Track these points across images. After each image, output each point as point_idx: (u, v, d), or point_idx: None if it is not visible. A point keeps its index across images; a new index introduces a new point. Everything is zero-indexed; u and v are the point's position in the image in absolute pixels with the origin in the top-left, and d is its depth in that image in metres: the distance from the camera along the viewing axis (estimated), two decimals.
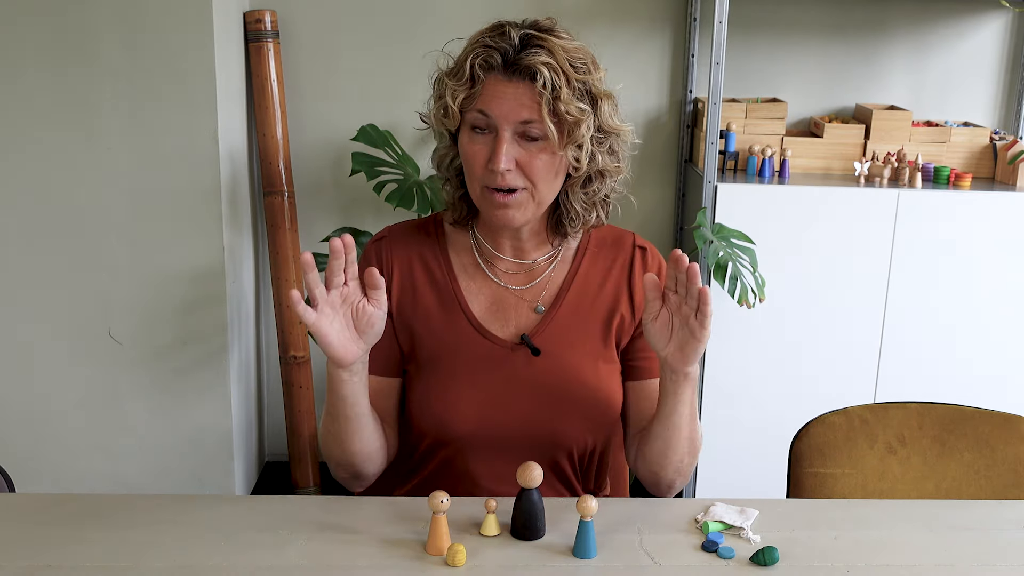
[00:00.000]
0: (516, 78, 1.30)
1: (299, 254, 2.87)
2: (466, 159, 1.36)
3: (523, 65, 1.30)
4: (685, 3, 2.89)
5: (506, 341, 1.42)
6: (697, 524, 1.28)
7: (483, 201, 1.37)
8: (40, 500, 1.33)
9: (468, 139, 1.35)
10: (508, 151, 1.31)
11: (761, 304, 2.57)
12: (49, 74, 2.51)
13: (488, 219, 1.39)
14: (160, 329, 2.69)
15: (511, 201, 1.34)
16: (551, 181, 1.36)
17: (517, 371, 1.41)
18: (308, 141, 2.93)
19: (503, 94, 1.31)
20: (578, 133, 1.32)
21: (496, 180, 1.32)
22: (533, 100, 1.30)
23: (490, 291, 1.45)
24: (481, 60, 1.31)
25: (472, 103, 1.33)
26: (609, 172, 1.41)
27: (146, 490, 2.76)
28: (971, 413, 1.61)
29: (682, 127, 2.97)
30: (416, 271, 1.46)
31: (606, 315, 1.45)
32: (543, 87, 1.29)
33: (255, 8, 2.79)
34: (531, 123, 1.31)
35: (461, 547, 1.17)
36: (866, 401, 2.15)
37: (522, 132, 1.32)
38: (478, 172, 1.34)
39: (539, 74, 1.29)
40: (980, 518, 1.33)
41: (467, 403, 1.39)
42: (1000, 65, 3.01)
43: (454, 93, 1.33)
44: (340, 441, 1.36)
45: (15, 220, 2.60)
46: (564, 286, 1.45)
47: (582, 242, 1.49)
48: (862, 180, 2.71)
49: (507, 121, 1.31)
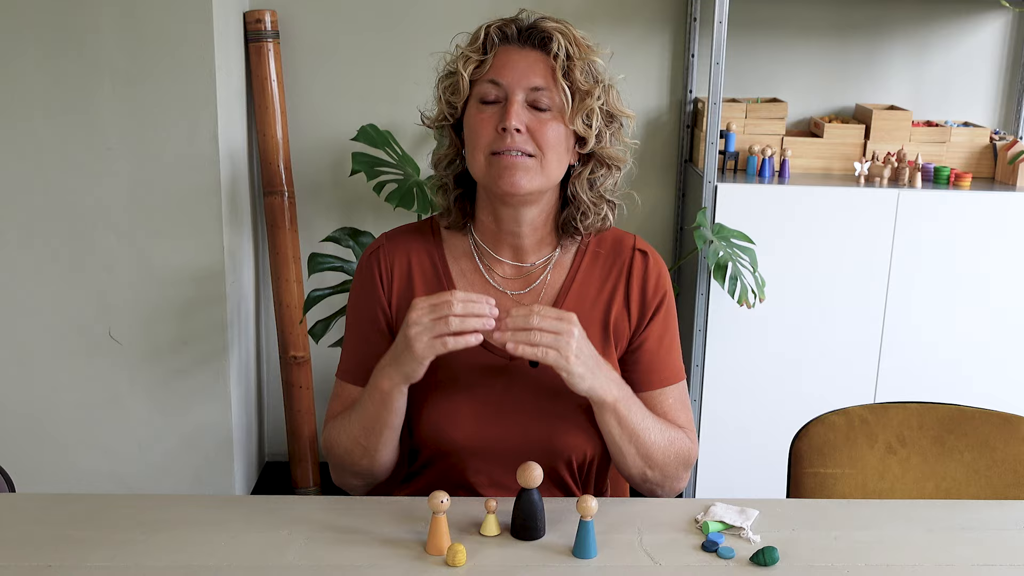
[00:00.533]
0: (528, 46, 1.33)
1: (299, 254, 2.87)
2: (472, 129, 1.35)
3: (538, 30, 1.33)
4: (685, 3, 2.89)
5: (505, 351, 1.39)
6: (697, 524, 1.28)
7: (490, 168, 1.34)
8: (40, 500, 1.33)
9: (476, 110, 1.35)
10: (519, 112, 1.31)
11: (761, 304, 2.57)
12: (49, 74, 2.51)
13: (493, 188, 1.36)
14: (160, 329, 2.69)
15: (519, 163, 1.32)
16: (560, 153, 1.35)
17: (516, 381, 1.40)
18: (308, 141, 2.93)
19: (515, 62, 1.33)
20: (589, 102, 1.33)
21: (505, 142, 1.31)
22: (546, 67, 1.32)
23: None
24: (496, 29, 1.34)
25: (482, 73, 1.33)
26: (614, 161, 1.41)
27: (146, 490, 2.76)
28: (971, 413, 1.61)
29: (682, 127, 2.97)
30: (415, 278, 1.44)
31: (604, 321, 1.43)
32: (556, 53, 1.31)
33: (255, 8, 2.79)
34: (542, 90, 1.32)
35: (461, 547, 1.17)
36: (866, 401, 2.15)
37: (533, 101, 1.32)
38: (486, 138, 1.33)
39: (552, 39, 1.32)
40: (980, 518, 1.33)
41: (466, 414, 1.38)
42: (1000, 65, 3.01)
43: (467, 60, 1.34)
44: (372, 452, 1.37)
45: (15, 220, 2.60)
46: (562, 291, 1.44)
47: (580, 245, 1.47)
48: (862, 180, 2.71)
49: (519, 86, 1.32)
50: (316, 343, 2.67)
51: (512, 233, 1.43)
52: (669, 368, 1.46)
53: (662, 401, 1.47)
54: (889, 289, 2.68)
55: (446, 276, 1.44)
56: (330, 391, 1.55)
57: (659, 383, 1.46)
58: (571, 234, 1.44)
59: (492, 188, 1.36)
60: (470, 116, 1.36)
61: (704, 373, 2.73)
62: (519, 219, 1.41)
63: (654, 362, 1.45)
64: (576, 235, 1.45)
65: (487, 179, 1.36)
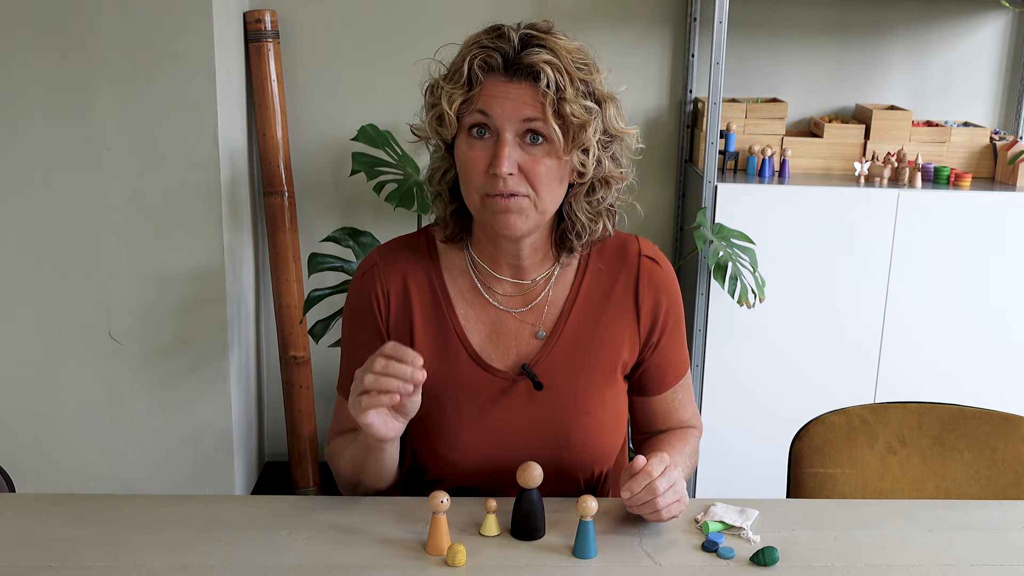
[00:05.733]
0: (517, 79, 1.23)
1: (299, 254, 2.87)
2: (464, 167, 1.28)
3: (525, 64, 1.22)
4: (685, 3, 2.89)
5: (507, 373, 1.37)
6: (697, 524, 1.28)
7: (483, 210, 1.28)
8: (40, 500, 1.33)
9: (466, 145, 1.27)
10: (510, 154, 1.23)
11: (761, 304, 2.57)
12: (49, 74, 2.51)
13: (488, 229, 1.31)
14: (160, 329, 2.69)
15: (513, 205, 1.26)
16: (555, 188, 1.28)
17: (519, 405, 1.36)
18: (308, 141, 2.93)
19: (504, 94, 1.23)
20: (584, 136, 1.25)
21: (497, 186, 1.24)
22: (536, 100, 1.23)
23: (489, 317, 1.39)
24: (480, 61, 1.24)
25: (470, 106, 1.25)
26: (614, 179, 1.34)
27: (146, 490, 2.76)
28: (971, 413, 1.61)
29: (682, 127, 2.97)
30: (412, 299, 1.38)
31: (611, 337, 1.39)
32: (547, 87, 1.21)
33: (255, 8, 2.79)
34: (534, 120, 1.23)
35: (461, 547, 1.17)
36: (866, 401, 2.15)
37: (524, 133, 1.24)
38: (478, 179, 1.26)
39: (542, 73, 1.21)
40: (980, 518, 1.33)
41: (468, 440, 1.35)
42: (1000, 65, 3.01)
43: (451, 97, 1.25)
44: (369, 486, 1.36)
45: (15, 220, 2.60)
46: (566, 308, 1.39)
47: (583, 257, 1.41)
48: (862, 180, 2.71)
49: (509, 121, 1.23)
50: (316, 343, 2.67)
51: (511, 254, 1.37)
52: (679, 366, 1.47)
53: (672, 399, 1.47)
54: (889, 289, 2.68)
55: (444, 296, 1.39)
56: (330, 391, 1.55)
57: (671, 383, 1.46)
58: (569, 249, 1.38)
59: (487, 228, 1.32)
60: (460, 149, 1.28)
61: (704, 373, 2.73)
62: (517, 246, 1.36)
63: (666, 367, 1.45)
64: (574, 250, 1.39)
65: (481, 220, 1.31)
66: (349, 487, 1.40)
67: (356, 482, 1.37)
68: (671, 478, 1.21)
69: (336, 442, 1.43)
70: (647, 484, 1.19)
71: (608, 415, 1.39)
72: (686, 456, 1.43)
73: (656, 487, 1.19)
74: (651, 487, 1.19)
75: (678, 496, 1.22)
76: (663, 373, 1.45)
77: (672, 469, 1.22)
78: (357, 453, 1.33)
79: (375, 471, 1.32)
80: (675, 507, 1.23)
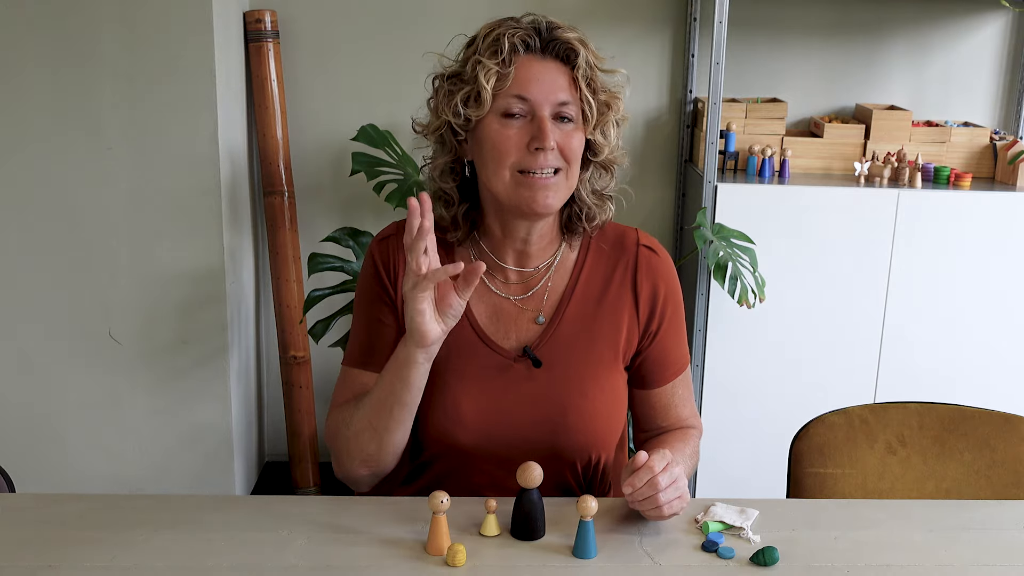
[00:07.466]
0: (549, 57, 1.31)
1: (299, 254, 2.87)
2: (496, 145, 1.31)
3: (560, 40, 1.31)
4: (685, 3, 2.89)
5: (508, 352, 1.40)
6: (697, 524, 1.28)
7: (516, 187, 1.32)
8: (40, 500, 1.33)
9: (499, 124, 1.31)
10: (553, 130, 1.30)
11: (761, 304, 2.57)
12: (49, 74, 2.51)
13: (517, 207, 1.34)
14: (160, 329, 2.69)
15: (551, 183, 1.32)
16: (578, 163, 1.36)
17: (520, 382, 1.39)
18: (308, 141, 2.93)
19: (539, 76, 1.30)
20: (608, 115, 1.34)
21: (538, 161, 1.30)
22: (569, 80, 1.31)
23: (491, 301, 1.42)
24: (519, 39, 1.30)
25: (503, 86, 1.30)
26: (616, 162, 1.42)
27: (146, 490, 2.76)
28: (971, 413, 1.61)
29: (682, 127, 2.97)
30: None
31: (610, 324, 1.42)
32: (579, 65, 1.30)
33: (255, 8, 2.79)
34: (567, 104, 1.31)
35: (461, 547, 1.17)
36: (866, 401, 2.15)
37: (556, 114, 1.31)
38: (514, 156, 1.31)
39: (575, 51, 1.30)
40: (980, 518, 1.33)
41: (469, 413, 1.37)
42: (1000, 65, 3.01)
43: (487, 73, 1.29)
44: (383, 433, 1.33)
45: (15, 220, 2.60)
46: (565, 295, 1.42)
47: (583, 246, 1.45)
48: (862, 180, 2.71)
49: (547, 102, 1.30)
50: (316, 343, 2.67)
51: (520, 240, 1.41)
52: (679, 359, 1.48)
53: (672, 393, 1.48)
54: (889, 289, 2.68)
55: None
56: (330, 391, 1.54)
57: (671, 376, 1.47)
58: (575, 232, 1.43)
59: (518, 206, 1.34)
60: (491, 130, 1.31)
61: (704, 373, 2.73)
62: (531, 229, 1.39)
63: (666, 358, 1.46)
64: (580, 233, 1.44)
65: (512, 197, 1.33)
66: (357, 449, 1.35)
67: (379, 440, 1.33)
68: (673, 474, 1.22)
69: (342, 407, 1.40)
70: (649, 479, 1.20)
71: (606, 400, 1.41)
72: (687, 456, 1.44)
73: (658, 482, 1.20)
74: (653, 482, 1.20)
75: (680, 492, 1.23)
76: (663, 365, 1.46)
77: (674, 465, 1.23)
78: (382, 385, 1.32)
79: (401, 395, 1.30)
80: (676, 503, 1.23)
